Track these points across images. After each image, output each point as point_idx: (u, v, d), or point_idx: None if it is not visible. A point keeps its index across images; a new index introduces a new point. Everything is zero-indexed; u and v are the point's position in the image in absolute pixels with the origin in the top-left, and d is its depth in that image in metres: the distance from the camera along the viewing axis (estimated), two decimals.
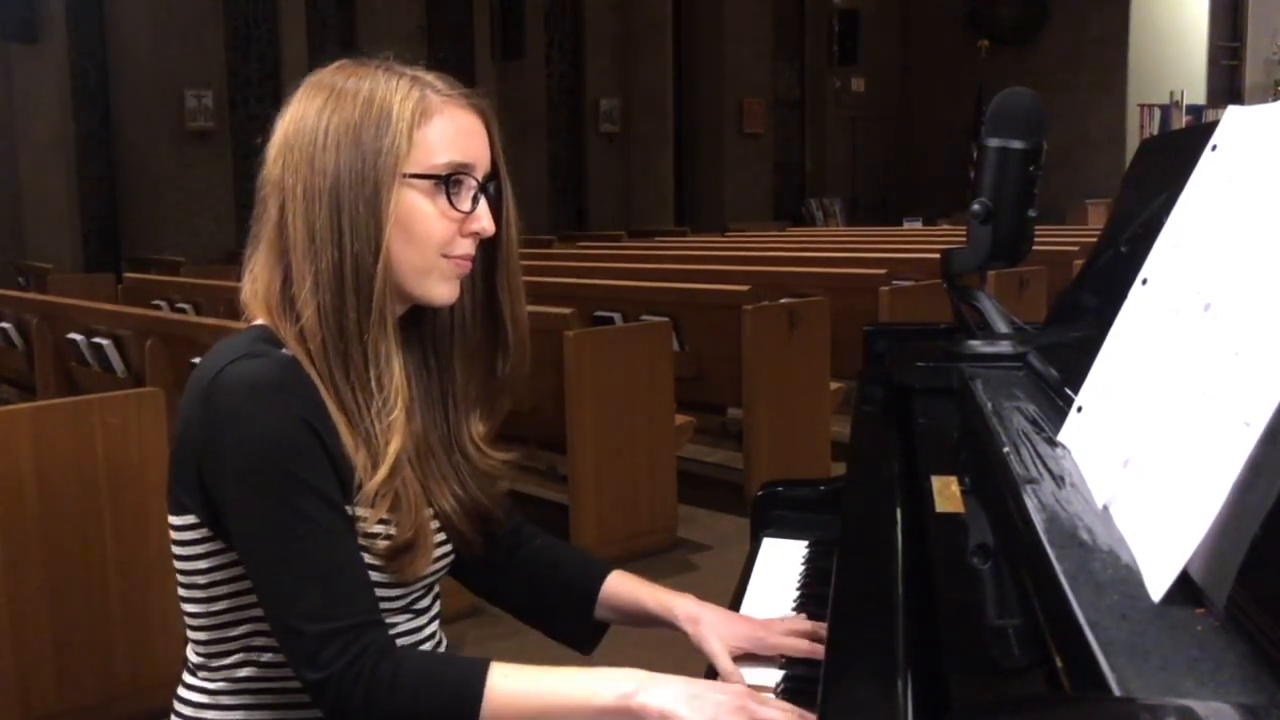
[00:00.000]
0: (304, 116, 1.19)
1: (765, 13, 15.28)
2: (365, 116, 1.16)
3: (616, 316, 5.06)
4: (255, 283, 1.22)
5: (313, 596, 1.09)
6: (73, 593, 2.87)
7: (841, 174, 16.83)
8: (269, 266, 1.20)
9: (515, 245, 1.31)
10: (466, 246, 1.21)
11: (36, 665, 2.83)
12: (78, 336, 5.00)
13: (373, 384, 1.17)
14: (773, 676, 1.24)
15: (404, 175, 1.16)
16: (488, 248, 1.27)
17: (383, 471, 1.16)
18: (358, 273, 1.15)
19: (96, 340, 4.87)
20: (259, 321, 1.21)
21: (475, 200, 1.21)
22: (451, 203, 1.19)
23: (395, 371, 1.18)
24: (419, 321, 1.28)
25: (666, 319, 4.67)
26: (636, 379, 4.28)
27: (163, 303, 6.33)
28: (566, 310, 4.34)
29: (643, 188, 14.47)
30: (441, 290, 1.21)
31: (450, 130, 1.19)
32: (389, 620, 1.19)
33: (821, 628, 1.24)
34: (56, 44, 9.99)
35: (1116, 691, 0.63)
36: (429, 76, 1.22)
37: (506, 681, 1.09)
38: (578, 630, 1.39)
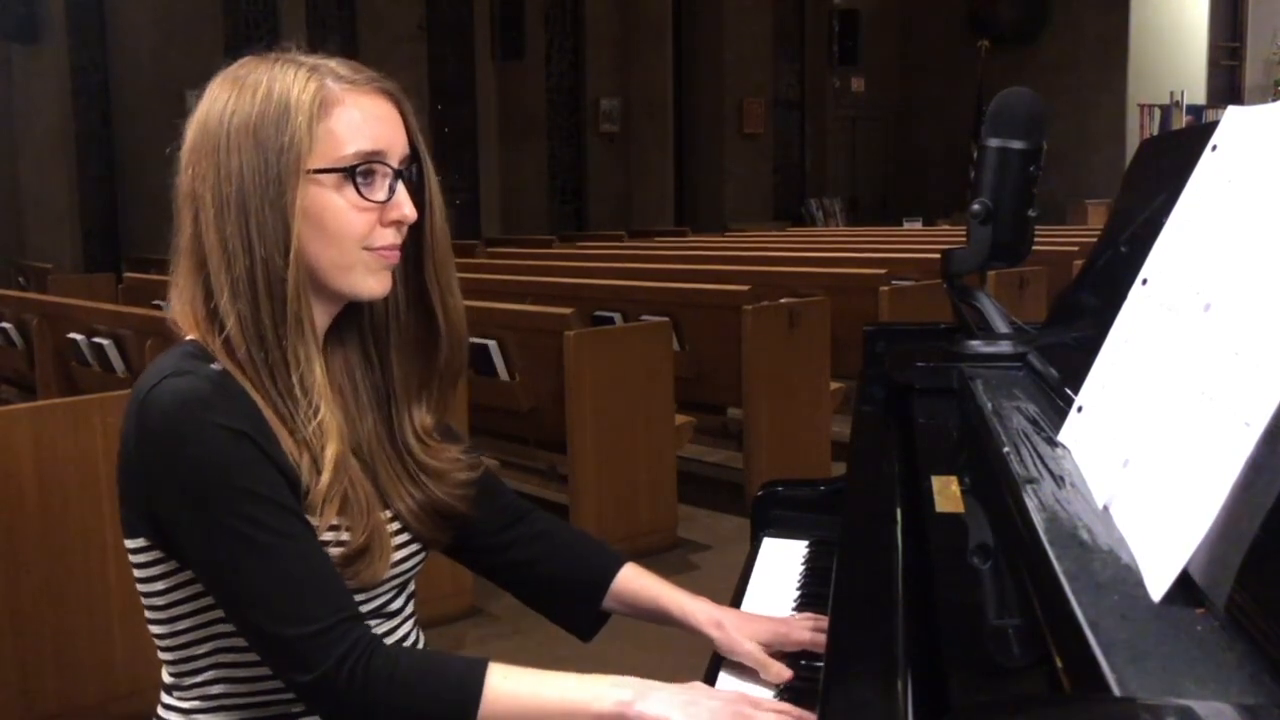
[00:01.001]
0: (207, 119, 1.15)
1: (765, 13, 15.28)
2: (264, 113, 1.12)
3: (616, 316, 5.06)
4: (180, 298, 1.18)
5: (288, 602, 1.07)
6: (73, 593, 2.87)
7: (841, 174, 16.84)
8: (191, 280, 1.16)
9: (442, 232, 1.24)
10: (389, 236, 1.17)
11: (36, 665, 2.83)
12: (78, 336, 5.01)
13: (297, 389, 1.14)
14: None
15: (308, 171, 1.12)
16: (414, 236, 1.21)
17: (326, 475, 1.13)
18: (269, 277, 1.12)
19: (96, 340, 4.87)
20: (190, 337, 1.17)
21: (392, 188, 1.16)
22: (361, 194, 1.14)
23: (316, 374, 1.14)
24: (355, 316, 1.25)
25: (666, 319, 4.67)
26: (636, 379, 4.28)
27: (163, 303, 6.32)
28: (566, 310, 4.34)
29: (643, 188, 14.48)
30: (370, 284, 1.17)
31: (356, 118, 1.14)
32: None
33: None
34: (56, 44, 10.00)
35: (1116, 692, 0.63)
36: (331, 64, 1.17)
37: (505, 682, 1.08)
38: (582, 618, 1.37)
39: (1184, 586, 0.72)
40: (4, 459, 2.77)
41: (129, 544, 1.18)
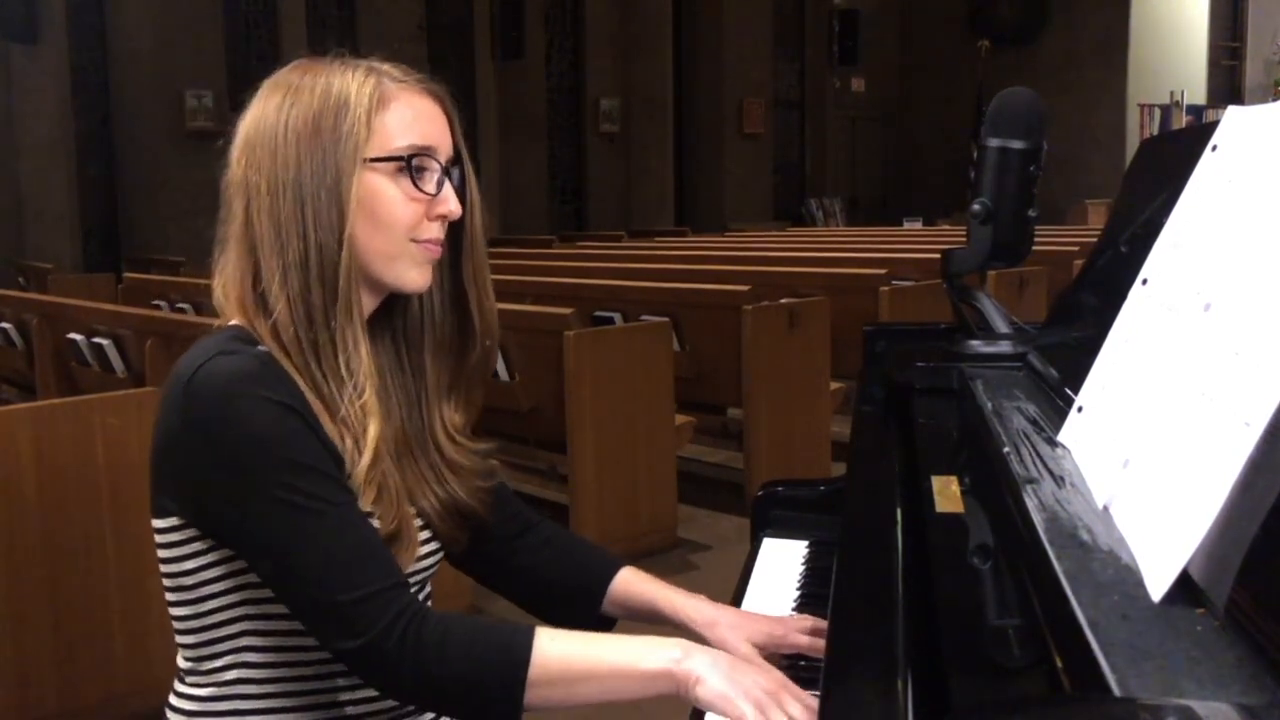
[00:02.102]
0: (264, 115, 1.20)
1: (765, 13, 15.29)
2: (324, 107, 1.17)
3: (616, 316, 5.06)
4: (226, 283, 1.22)
5: (337, 569, 1.09)
6: (73, 593, 2.87)
7: (841, 174, 16.84)
8: (239, 265, 1.21)
9: (480, 233, 1.29)
10: (434, 230, 1.21)
11: (37, 665, 2.83)
12: (78, 336, 5.00)
13: (343, 371, 1.17)
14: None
15: (365, 160, 1.17)
16: (453, 236, 1.26)
17: (366, 457, 1.16)
18: (323, 261, 1.16)
19: (96, 340, 4.87)
20: (233, 322, 1.21)
21: (440, 183, 1.21)
22: (416, 184, 1.19)
23: (364, 357, 1.18)
24: (391, 317, 1.28)
25: (666, 319, 4.67)
26: (636, 379, 4.28)
27: (163, 303, 6.33)
28: (566, 310, 4.34)
29: (643, 188, 14.48)
30: (413, 276, 1.21)
31: (409, 115, 1.20)
32: None
33: None
34: (56, 44, 10.00)
35: (1116, 691, 0.63)
36: (385, 65, 1.22)
37: (554, 644, 1.09)
38: (583, 624, 1.37)
39: (1184, 586, 0.72)
40: (4, 459, 2.77)
41: (159, 524, 1.20)
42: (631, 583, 1.36)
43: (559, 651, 1.09)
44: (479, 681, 1.08)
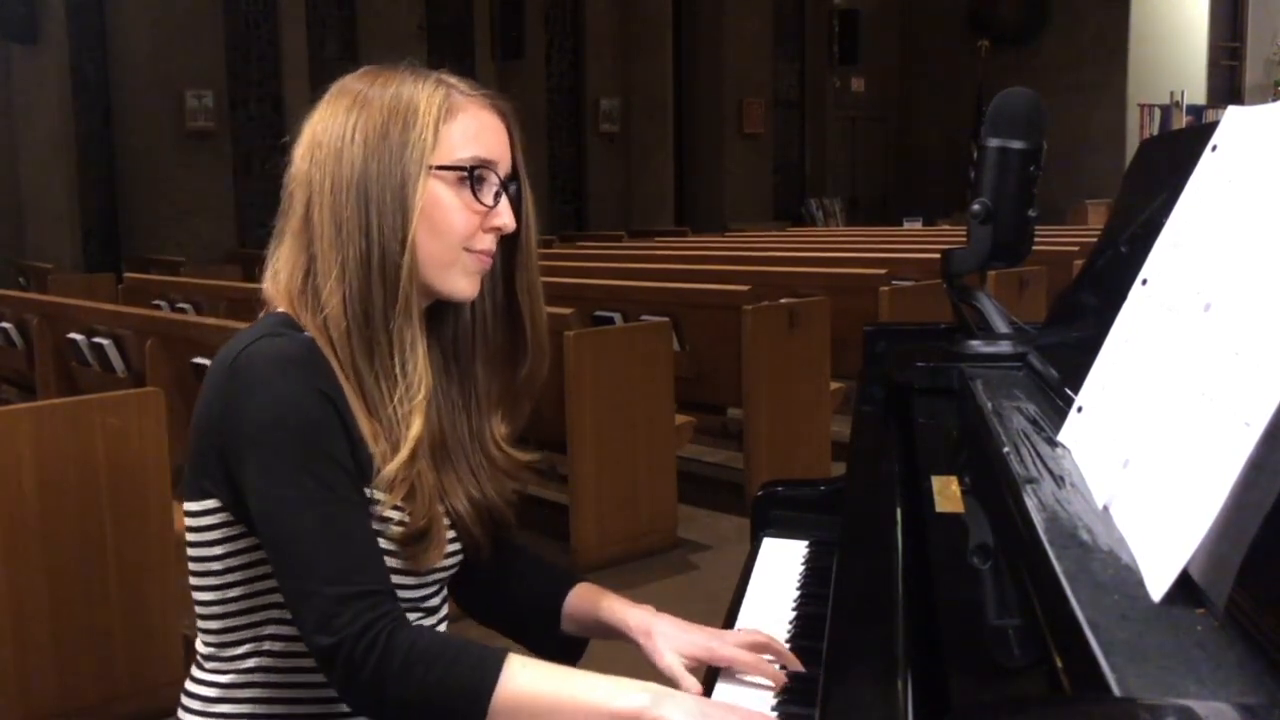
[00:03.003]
0: (333, 116, 1.22)
1: (765, 13, 15.28)
2: (393, 113, 1.20)
3: (616, 316, 5.05)
4: (278, 275, 1.25)
5: (330, 560, 1.10)
6: (73, 593, 2.87)
7: (841, 174, 16.84)
8: (293, 259, 1.23)
9: (534, 247, 1.33)
10: (488, 242, 1.24)
11: (37, 665, 2.83)
12: (78, 336, 5.00)
13: (397, 370, 1.20)
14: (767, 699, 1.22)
15: (430, 167, 1.20)
16: (507, 249, 1.29)
17: (404, 453, 1.18)
18: (384, 262, 1.19)
19: (96, 340, 4.87)
20: (279, 309, 1.24)
21: (497, 196, 1.23)
22: (476, 195, 1.22)
23: (420, 357, 1.21)
24: (440, 325, 1.31)
25: (666, 319, 4.67)
26: (636, 379, 4.27)
27: (163, 303, 6.33)
28: (566, 310, 4.34)
29: (643, 188, 14.47)
30: (463, 284, 1.24)
31: (474, 127, 1.23)
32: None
33: (775, 642, 1.23)
34: (56, 44, 9.99)
35: (1116, 692, 0.63)
36: (453, 79, 1.26)
37: (524, 672, 1.08)
38: (551, 645, 1.37)
39: (1184, 586, 0.72)
40: (4, 459, 2.77)
41: (192, 507, 1.22)
42: (582, 598, 1.36)
43: (527, 680, 1.08)
44: (440, 703, 1.08)
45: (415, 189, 1.19)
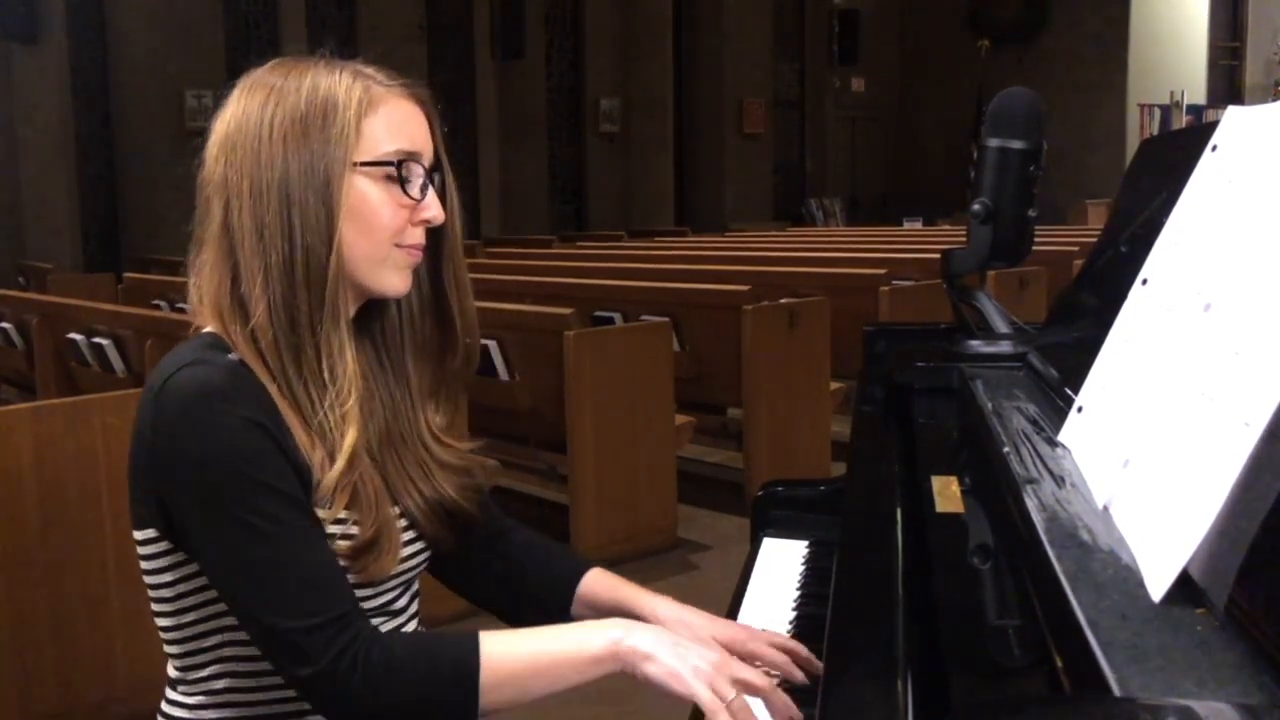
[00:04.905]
0: (245, 113, 1.17)
1: (765, 13, 15.28)
2: (311, 108, 1.15)
3: (616, 316, 5.06)
4: (201, 286, 1.20)
5: (291, 594, 1.08)
6: (73, 593, 2.87)
7: (841, 174, 16.84)
8: (216, 267, 1.18)
9: (459, 237, 1.28)
10: (417, 235, 1.20)
11: (36, 665, 2.83)
12: (78, 336, 5.00)
13: (325, 376, 1.16)
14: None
15: (354, 164, 1.16)
16: (433, 241, 1.25)
17: (340, 463, 1.15)
18: (309, 265, 1.14)
19: (96, 340, 4.87)
20: (207, 329, 1.19)
21: (424, 189, 1.20)
22: (404, 189, 1.18)
23: (349, 362, 1.17)
24: (369, 321, 1.27)
25: (666, 319, 4.67)
26: (636, 379, 4.28)
27: (163, 303, 6.32)
28: (566, 310, 4.34)
29: (643, 188, 14.47)
30: (395, 281, 1.20)
31: (395, 119, 1.18)
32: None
33: (802, 649, 1.23)
34: (56, 44, 9.99)
35: (1116, 691, 0.63)
36: (369, 69, 1.21)
37: (499, 645, 1.09)
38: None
39: (1184, 586, 0.72)
40: (4, 459, 2.77)
41: (138, 535, 1.18)
42: (599, 583, 1.36)
43: (504, 651, 1.09)
44: (433, 697, 1.08)
45: (339, 188, 1.14)
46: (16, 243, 10.17)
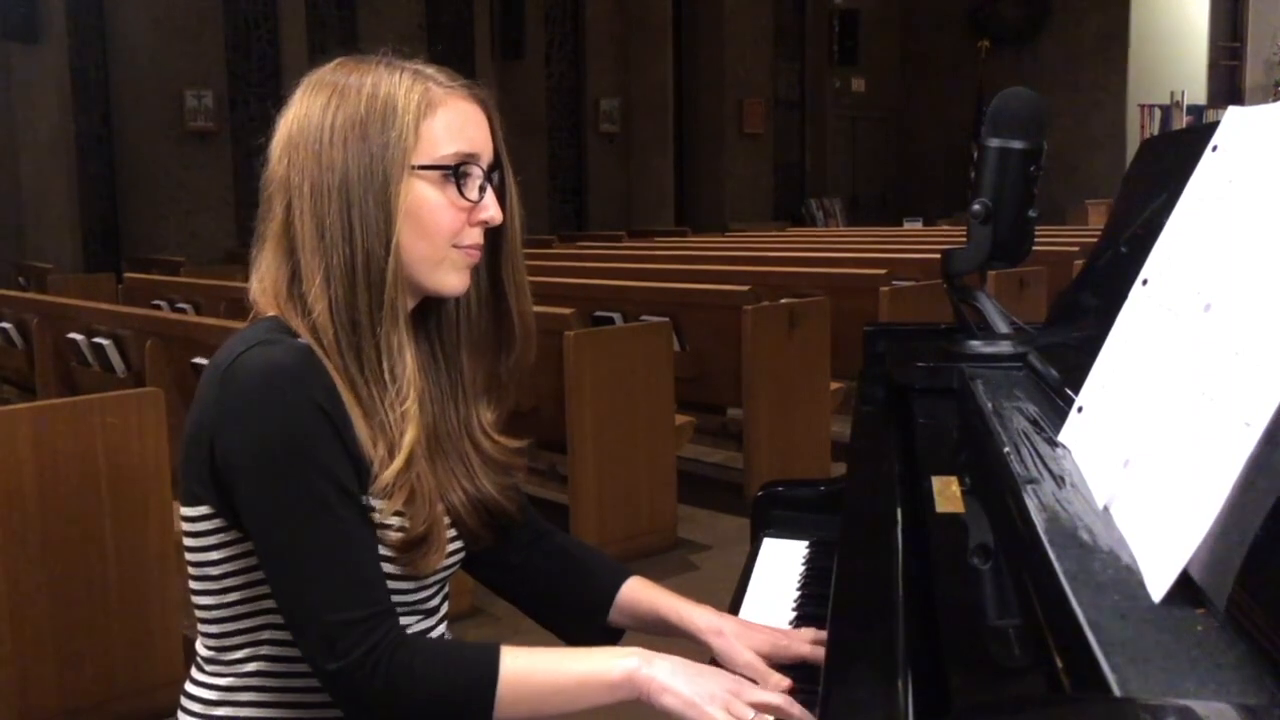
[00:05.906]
0: (308, 114, 1.19)
1: (765, 13, 15.28)
2: (370, 111, 1.17)
3: (616, 316, 5.05)
4: (263, 281, 1.22)
5: (329, 585, 1.10)
6: (73, 593, 2.87)
7: (841, 174, 16.83)
8: (276, 265, 1.20)
9: (519, 237, 1.30)
10: (475, 236, 1.22)
11: (37, 665, 2.83)
12: (78, 336, 5.00)
13: (385, 375, 1.18)
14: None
15: (412, 167, 1.17)
16: (492, 239, 1.26)
17: (399, 461, 1.16)
18: (369, 267, 1.16)
19: (96, 340, 4.87)
20: (269, 314, 1.21)
21: (482, 190, 1.21)
22: (461, 192, 1.19)
23: (408, 362, 1.18)
24: (425, 316, 1.29)
25: (666, 319, 4.67)
26: (636, 379, 4.28)
27: (163, 303, 6.33)
28: (566, 310, 4.34)
29: (643, 188, 14.47)
30: (453, 280, 1.22)
31: (455, 121, 1.20)
32: (400, 621, 1.19)
33: None
34: (56, 44, 9.98)
35: (1116, 691, 0.63)
36: (430, 69, 1.22)
37: (518, 662, 1.11)
38: (590, 635, 1.37)
39: (1184, 586, 0.72)
40: (4, 459, 2.77)
41: (188, 512, 1.20)
42: (638, 592, 1.37)
43: (523, 669, 1.11)
44: (449, 708, 1.10)
45: (398, 190, 1.16)
46: (16, 243, 10.17)
